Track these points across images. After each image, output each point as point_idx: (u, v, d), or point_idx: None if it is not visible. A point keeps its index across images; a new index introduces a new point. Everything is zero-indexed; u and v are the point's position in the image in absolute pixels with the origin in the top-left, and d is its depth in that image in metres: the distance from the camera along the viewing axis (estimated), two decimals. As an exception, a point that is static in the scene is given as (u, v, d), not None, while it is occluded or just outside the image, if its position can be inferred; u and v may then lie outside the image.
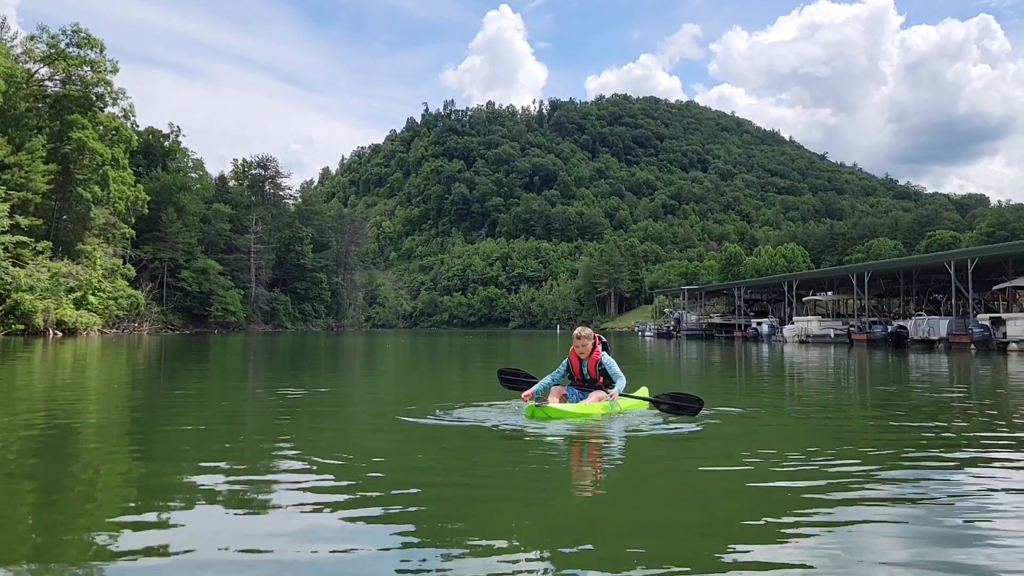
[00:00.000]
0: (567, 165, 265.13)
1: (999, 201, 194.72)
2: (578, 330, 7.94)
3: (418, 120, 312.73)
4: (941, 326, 34.43)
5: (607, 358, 7.77)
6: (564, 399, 7.61)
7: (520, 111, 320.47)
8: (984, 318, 32.77)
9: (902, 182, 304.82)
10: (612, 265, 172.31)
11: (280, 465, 5.08)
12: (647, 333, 76.55)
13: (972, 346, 30.86)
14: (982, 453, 5.72)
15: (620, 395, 7.70)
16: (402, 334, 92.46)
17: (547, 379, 7.91)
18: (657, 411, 7.88)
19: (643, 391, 8.46)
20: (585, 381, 7.85)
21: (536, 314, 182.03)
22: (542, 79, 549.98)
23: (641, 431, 6.81)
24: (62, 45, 57.24)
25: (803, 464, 5.11)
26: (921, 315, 38.84)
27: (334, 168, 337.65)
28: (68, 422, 7.23)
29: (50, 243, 52.13)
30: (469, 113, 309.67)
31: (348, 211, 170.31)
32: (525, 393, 7.61)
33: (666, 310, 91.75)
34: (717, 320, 67.20)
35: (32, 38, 57.90)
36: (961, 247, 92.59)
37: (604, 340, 8.04)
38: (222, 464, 5.08)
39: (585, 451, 5.89)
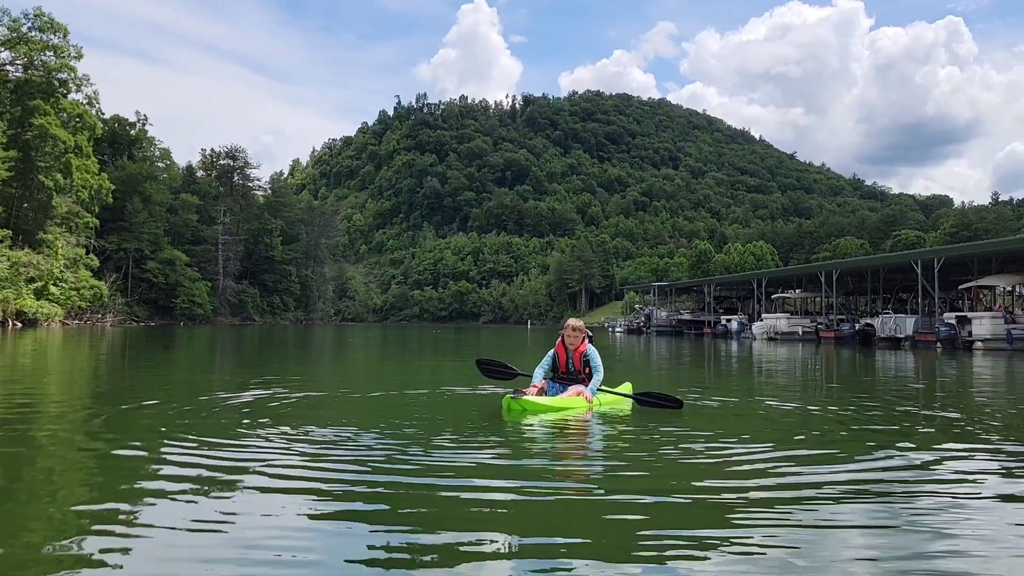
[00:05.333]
0: (539, 160, 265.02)
1: (963, 202, 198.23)
2: (572, 321, 8.01)
3: (390, 113, 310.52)
4: (908, 324, 34.88)
5: (591, 349, 7.83)
6: (542, 392, 7.54)
7: (493, 106, 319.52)
8: (950, 317, 33.27)
9: (869, 182, 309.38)
10: (583, 261, 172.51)
11: (243, 460, 4.85)
12: (617, 329, 76.92)
13: (938, 344, 31.28)
14: (941, 449, 5.70)
15: (600, 390, 7.68)
16: (371, 328, 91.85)
17: (539, 371, 7.87)
18: (633, 408, 7.85)
19: (626, 387, 8.42)
20: (569, 373, 7.87)
21: (507, 309, 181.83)
22: (516, 74, 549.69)
23: (616, 426, 6.70)
24: (24, 29, 55.93)
25: (773, 462, 5.03)
26: (888, 313, 39.35)
27: (304, 160, 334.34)
28: (23, 415, 6.90)
29: (10, 232, 50.98)
30: (442, 107, 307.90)
31: (319, 204, 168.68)
32: (534, 385, 7.58)
33: (636, 306, 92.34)
34: (687, 317, 67.72)
35: (-8, 21, 56.46)
36: (925, 247, 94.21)
37: (590, 334, 8.08)
38: (183, 463, 4.83)
39: (560, 446, 5.76)
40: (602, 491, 4.14)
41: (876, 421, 7.38)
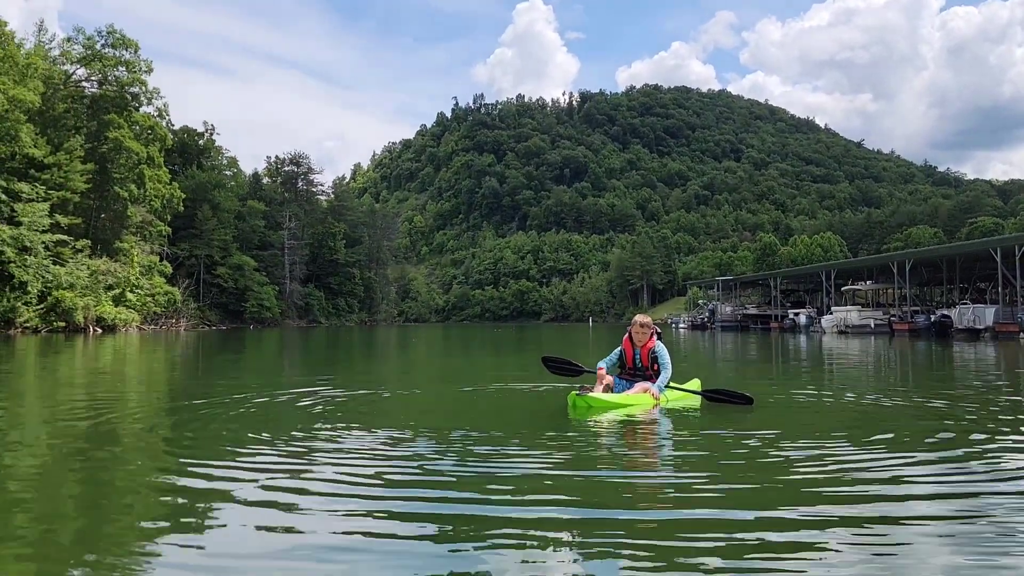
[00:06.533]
0: (598, 157, 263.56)
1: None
2: (639, 317, 7.97)
3: (448, 115, 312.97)
4: (987, 315, 33.52)
5: (660, 347, 7.74)
6: (608, 389, 7.45)
7: (550, 103, 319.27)
8: (1033, 306, 31.84)
9: (942, 168, 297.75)
10: (644, 257, 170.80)
11: (313, 462, 4.91)
12: (681, 325, 75.91)
13: (1021, 335, 29.93)
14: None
15: (667, 387, 7.56)
16: (434, 328, 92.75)
17: (603, 363, 7.83)
18: (702, 405, 7.69)
19: (695, 383, 8.26)
20: (636, 369, 7.79)
21: (568, 307, 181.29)
22: (573, 71, 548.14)
23: (686, 427, 6.57)
24: (98, 46, 58.07)
25: (850, 462, 4.83)
26: (966, 304, 37.86)
27: (365, 164, 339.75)
28: (107, 416, 7.14)
29: (89, 241, 53.02)
30: (499, 106, 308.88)
31: (380, 206, 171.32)
32: (599, 376, 7.59)
33: (700, 301, 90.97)
34: (753, 311, 66.33)
35: (68, 40, 58.90)
36: (1004, 234, 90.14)
37: (659, 330, 8.00)
38: (257, 460, 4.92)
39: (628, 452, 5.67)
40: (675, 506, 3.81)
41: (963, 420, 7.04)
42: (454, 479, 4.27)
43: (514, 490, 4.03)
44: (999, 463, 4.75)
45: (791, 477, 4.33)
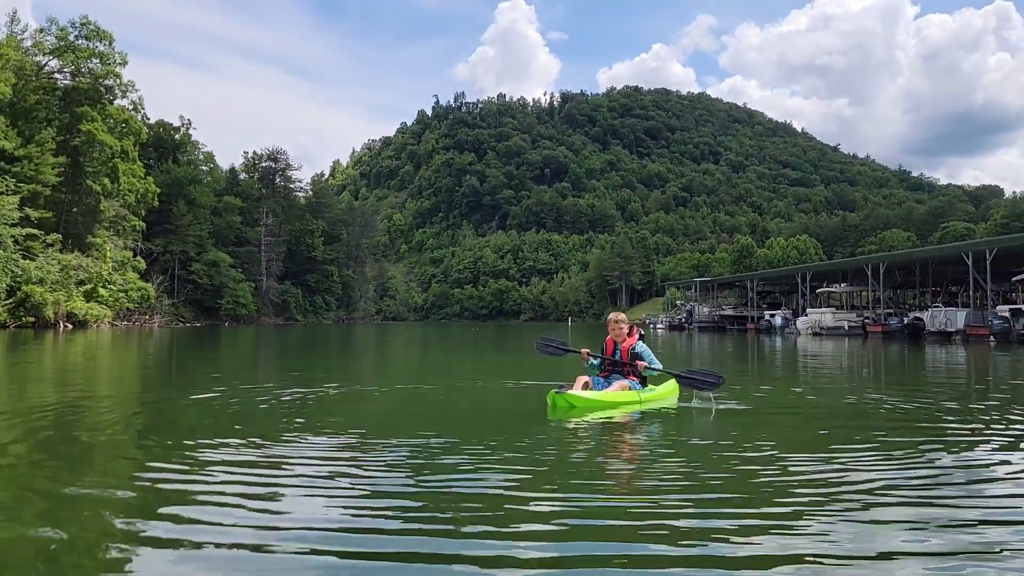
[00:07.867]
0: (578, 157, 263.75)
1: (1014, 192, 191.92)
2: (613, 315, 8.11)
3: (428, 113, 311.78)
4: (959, 318, 33.96)
5: (642, 346, 7.85)
6: (587, 387, 7.41)
7: (531, 103, 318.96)
8: (1003, 309, 32.33)
9: (915, 173, 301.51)
10: (623, 257, 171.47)
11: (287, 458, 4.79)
12: (659, 325, 76.23)
13: (991, 338, 30.34)
14: (999, 452, 5.38)
15: (652, 369, 7.75)
16: (412, 327, 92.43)
17: (595, 361, 7.94)
18: (679, 405, 7.74)
19: (670, 383, 8.34)
20: (615, 363, 7.83)
21: (547, 307, 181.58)
22: (554, 71, 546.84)
23: (664, 429, 6.52)
24: (71, 37, 57.15)
25: (830, 469, 4.81)
26: (938, 307, 38.34)
27: (345, 161, 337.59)
28: (73, 416, 6.95)
29: (60, 236, 52.17)
30: (480, 105, 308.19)
31: (359, 204, 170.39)
32: (584, 350, 7.84)
33: (678, 302, 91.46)
34: (729, 312, 66.83)
35: (41, 30, 57.92)
36: (975, 239, 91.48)
37: (641, 332, 8.09)
38: (229, 464, 4.79)
39: (611, 464, 5.59)
40: (655, 520, 3.61)
41: (937, 424, 7.05)
42: (409, 494, 3.95)
43: (476, 512, 3.64)
44: (978, 468, 4.74)
45: (775, 482, 4.27)
